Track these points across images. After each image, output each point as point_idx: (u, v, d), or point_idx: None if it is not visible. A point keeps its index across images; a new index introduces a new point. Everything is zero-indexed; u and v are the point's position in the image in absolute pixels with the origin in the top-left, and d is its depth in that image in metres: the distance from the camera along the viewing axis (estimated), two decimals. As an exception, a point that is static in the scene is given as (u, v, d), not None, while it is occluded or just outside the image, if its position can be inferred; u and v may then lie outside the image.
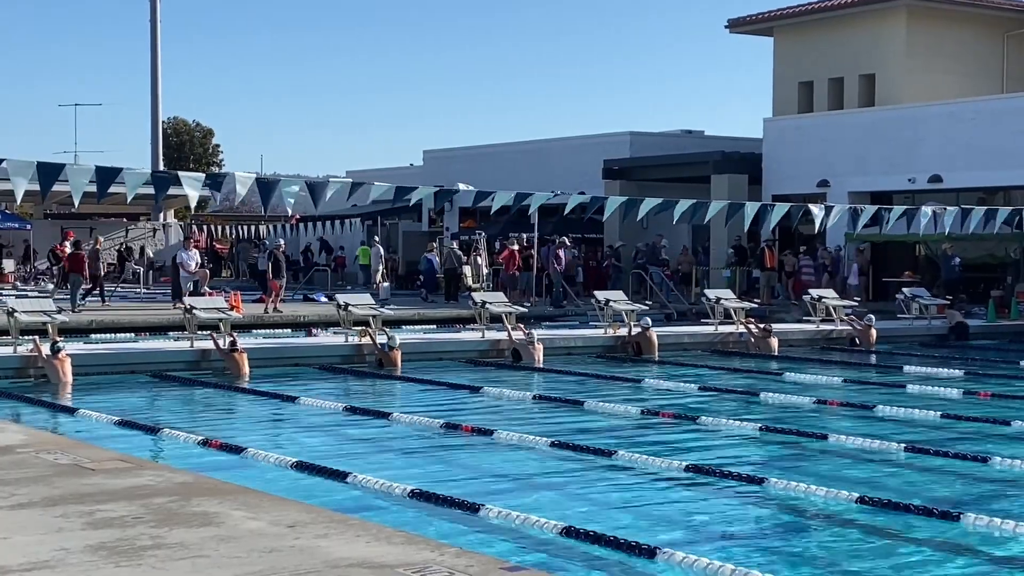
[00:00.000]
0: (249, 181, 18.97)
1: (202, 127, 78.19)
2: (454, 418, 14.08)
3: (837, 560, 8.49)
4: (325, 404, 15.30)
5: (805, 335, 24.68)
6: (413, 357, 20.13)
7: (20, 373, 17.50)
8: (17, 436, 10.14)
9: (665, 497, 10.44)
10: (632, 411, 14.97)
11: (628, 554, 8.07)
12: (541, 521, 8.74)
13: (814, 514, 9.78)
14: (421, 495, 9.65)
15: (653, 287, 32.37)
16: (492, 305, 22.57)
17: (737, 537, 9.11)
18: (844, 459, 12.24)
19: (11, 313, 18.57)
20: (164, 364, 18.66)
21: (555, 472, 11.46)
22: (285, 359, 19.88)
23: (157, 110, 50.47)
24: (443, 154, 47.00)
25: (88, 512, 7.11)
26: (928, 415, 14.72)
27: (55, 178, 17.38)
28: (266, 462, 11.18)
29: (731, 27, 40.67)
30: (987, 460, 11.62)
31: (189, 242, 29.90)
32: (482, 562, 6.19)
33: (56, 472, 8.38)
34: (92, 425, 13.49)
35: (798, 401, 16.11)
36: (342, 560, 6.11)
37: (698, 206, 23.17)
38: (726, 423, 13.97)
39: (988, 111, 31.64)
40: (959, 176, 31.66)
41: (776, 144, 36.21)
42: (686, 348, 23.09)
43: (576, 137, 42.30)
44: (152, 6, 49.36)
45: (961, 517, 9.19)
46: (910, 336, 25.69)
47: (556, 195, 23.81)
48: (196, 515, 7.09)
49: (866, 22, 36.70)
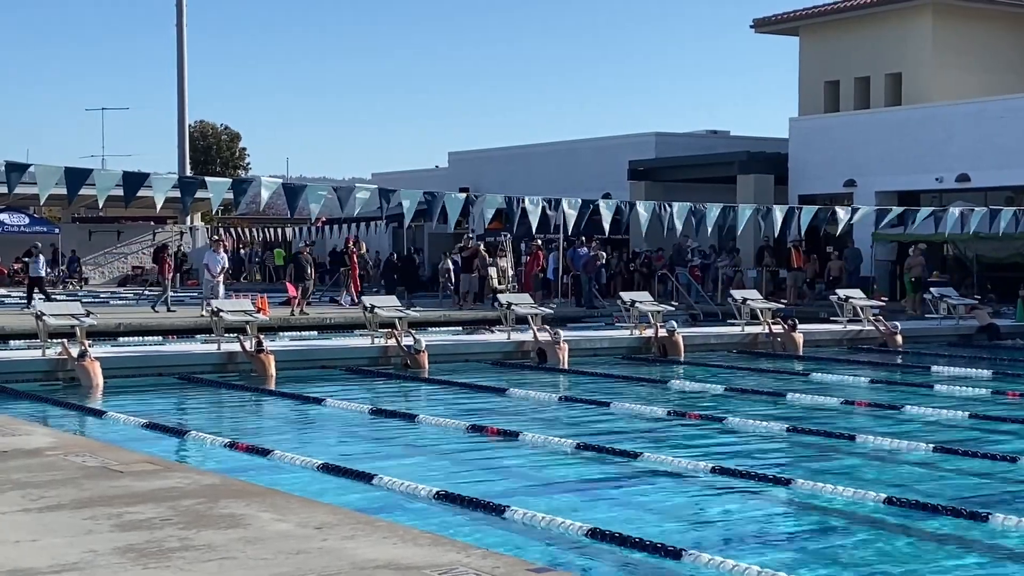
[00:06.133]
0: (274, 186, 19.07)
1: (229, 131, 78.51)
2: (479, 420, 14.08)
3: (864, 561, 8.45)
4: (351, 406, 15.33)
5: (832, 336, 24.57)
6: (439, 359, 20.15)
7: (49, 376, 17.62)
8: (46, 439, 10.21)
9: (691, 498, 10.41)
10: (658, 412, 14.94)
11: (654, 555, 8.05)
12: (567, 523, 8.73)
13: (841, 515, 9.74)
14: (447, 497, 9.66)
15: (679, 288, 32.30)
16: (518, 306, 22.57)
17: (763, 538, 9.08)
18: (871, 460, 12.19)
19: (39, 316, 18.69)
20: (191, 367, 18.73)
21: (581, 474, 11.45)
22: (312, 361, 19.93)
23: (184, 114, 50.75)
24: (468, 155, 47.04)
25: (116, 514, 7.15)
26: (956, 415, 14.64)
27: (83, 183, 17.51)
28: (293, 464, 11.21)
29: (756, 27, 40.57)
30: (1016, 460, 11.55)
31: (218, 244, 29.13)
32: (508, 563, 6.19)
33: (84, 475, 8.43)
34: (120, 428, 13.56)
35: (825, 401, 16.04)
36: (369, 562, 6.12)
37: (727, 211, 23.19)
38: (752, 424, 13.93)
39: (1016, 109, 31.42)
40: (987, 175, 31.48)
41: (802, 144, 36.08)
42: (712, 349, 23.04)
43: (601, 138, 42.27)
44: (179, 11, 49.64)
45: (990, 517, 9.13)
46: (938, 336, 25.53)
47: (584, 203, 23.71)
48: (223, 517, 7.12)
49: (892, 21, 36.53)
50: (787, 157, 36.27)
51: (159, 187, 18.95)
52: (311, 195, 19.39)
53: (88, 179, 17.61)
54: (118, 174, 18.19)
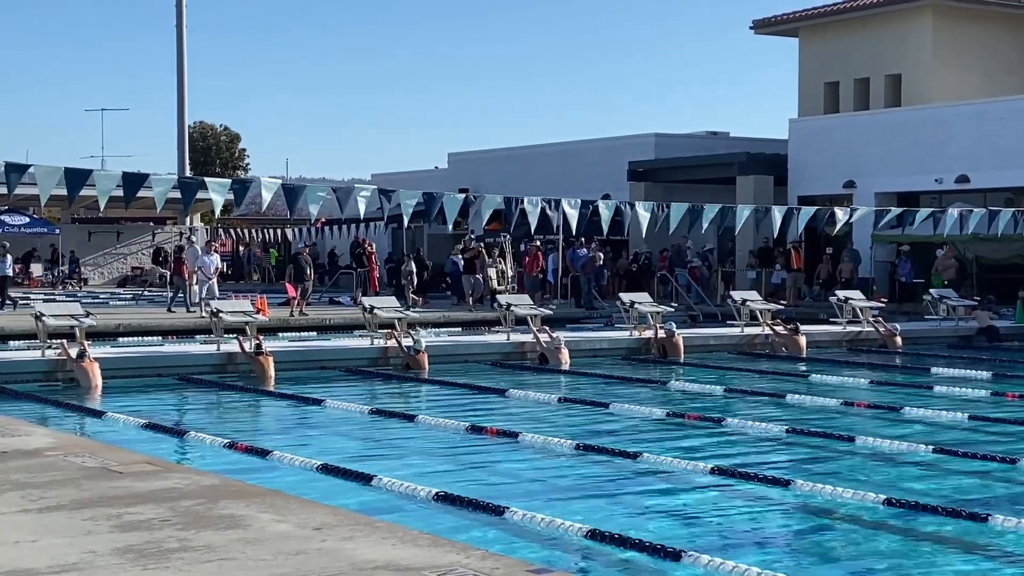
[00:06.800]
0: (274, 187, 19.08)
1: (229, 131, 78.48)
2: (479, 421, 14.09)
3: (864, 562, 8.45)
4: (351, 407, 15.34)
5: (832, 337, 24.57)
6: (438, 360, 20.16)
7: (48, 377, 17.62)
8: (45, 439, 10.21)
9: (690, 499, 10.41)
10: (658, 413, 14.94)
11: (653, 556, 8.05)
12: (566, 524, 8.73)
13: (841, 516, 9.74)
14: (446, 498, 9.66)
15: (678, 289, 32.30)
16: (517, 307, 22.57)
17: (763, 539, 9.09)
18: (871, 461, 12.19)
19: (39, 317, 18.68)
20: (190, 367, 18.73)
21: (580, 474, 11.45)
22: (311, 362, 19.93)
23: (183, 115, 50.68)
24: (468, 156, 47.02)
25: (116, 515, 7.15)
26: (956, 416, 14.64)
27: (83, 183, 17.52)
28: (292, 465, 11.21)
29: (756, 28, 40.57)
30: (1015, 461, 11.55)
31: (211, 246, 30.14)
32: (508, 564, 6.19)
33: (84, 475, 8.43)
34: (119, 428, 13.57)
35: (824, 403, 16.04)
36: (368, 563, 6.12)
37: (726, 211, 23.19)
38: (752, 425, 13.93)
39: (1016, 110, 31.42)
40: (987, 176, 31.49)
41: (802, 145, 36.09)
42: (712, 350, 23.04)
43: (601, 139, 42.25)
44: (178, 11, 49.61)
45: (989, 518, 9.13)
46: (938, 337, 25.53)
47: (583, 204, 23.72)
48: (223, 518, 7.12)
49: (892, 22, 36.54)
50: (787, 158, 36.28)
51: (159, 188, 18.96)
52: (311, 196, 19.40)
53: (88, 180, 17.62)
54: (118, 175, 18.20)
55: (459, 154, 47.89)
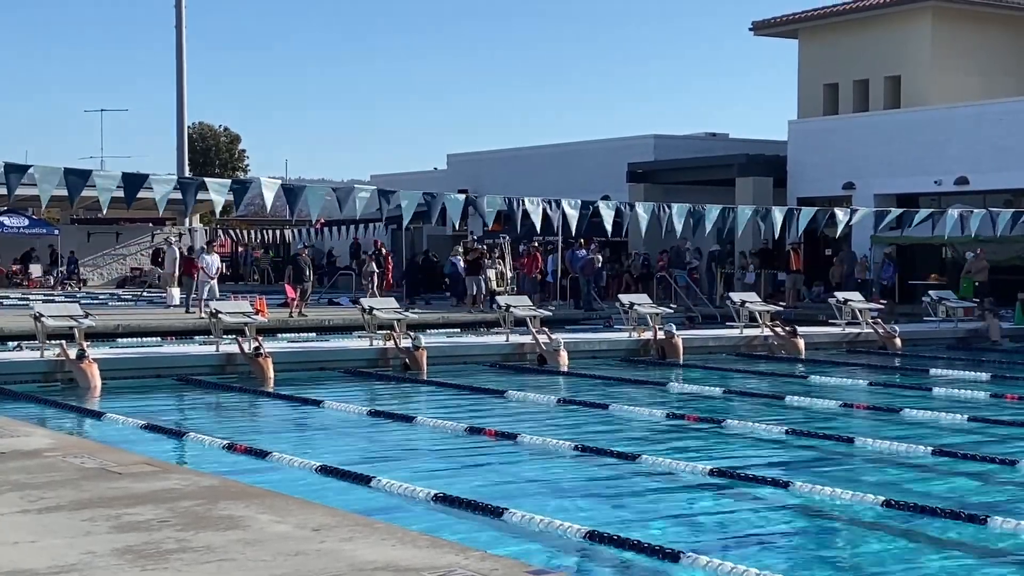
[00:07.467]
0: (275, 187, 19.08)
1: (228, 132, 78.49)
2: (478, 422, 14.09)
3: (862, 564, 8.46)
4: (350, 408, 15.33)
5: (831, 338, 24.57)
6: (438, 361, 20.15)
7: (47, 377, 17.62)
8: (44, 440, 10.21)
9: (689, 501, 10.42)
10: (657, 414, 14.94)
11: (652, 557, 8.05)
12: (565, 525, 8.73)
13: (840, 518, 9.74)
14: (445, 499, 9.66)
15: (678, 290, 32.30)
16: (516, 309, 22.58)
17: (762, 541, 9.08)
18: (870, 462, 12.19)
19: (38, 318, 18.68)
20: (190, 368, 18.73)
21: (579, 476, 11.45)
22: (310, 363, 19.92)
23: (183, 115, 50.67)
24: (467, 157, 47.02)
25: (115, 516, 7.15)
26: (955, 418, 14.64)
27: (83, 184, 17.53)
28: (291, 466, 11.21)
29: (755, 29, 40.57)
30: (1015, 463, 11.55)
31: (211, 246, 30.26)
32: (507, 565, 6.19)
33: (83, 476, 8.43)
34: (118, 429, 13.56)
35: (824, 404, 16.04)
36: (367, 564, 6.13)
37: (726, 214, 23.20)
38: (751, 426, 13.93)
39: (1015, 112, 31.43)
40: (986, 178, 31.49)
41: (801, 146, 36.10)
42: (711, 351, 23.04)
43: (600, 140, 42.25)
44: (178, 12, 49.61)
45: (988, 520, 9.13)
46: (937, 339, 25.54)
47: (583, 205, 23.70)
48: (222, 518, 7.12)
49: (891, 23, 36.54)
50: (786, 160, 36.28)
51: (160, 188, 18.96)
52: (311, 196, 19.40)
53: (88, 180, 17.62)
54: (118, 175, 18.21)
55: (458, 155, 47.89)
